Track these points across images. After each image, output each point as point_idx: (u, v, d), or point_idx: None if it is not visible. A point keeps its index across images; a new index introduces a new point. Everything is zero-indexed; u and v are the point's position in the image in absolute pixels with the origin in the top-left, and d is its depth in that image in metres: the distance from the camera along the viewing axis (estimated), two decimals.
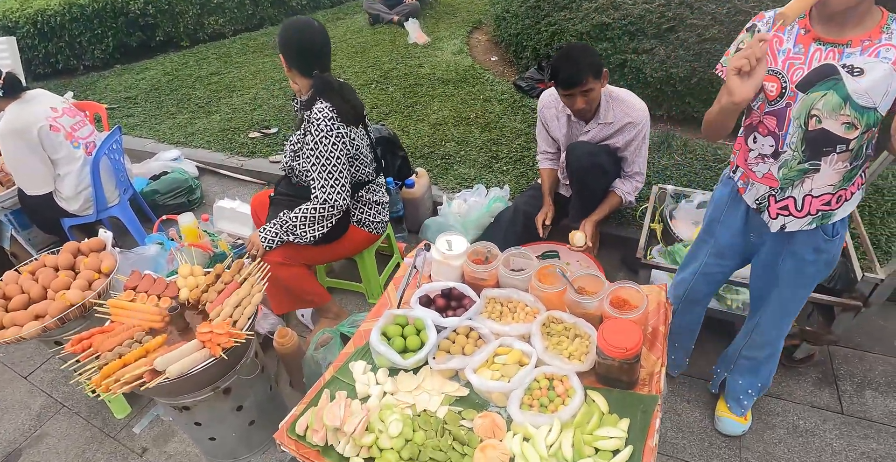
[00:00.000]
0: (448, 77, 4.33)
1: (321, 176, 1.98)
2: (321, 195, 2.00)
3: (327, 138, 1.95)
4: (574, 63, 2.12)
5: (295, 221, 2.04)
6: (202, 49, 5.85)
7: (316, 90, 2.01)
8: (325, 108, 1.95)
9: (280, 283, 2.14)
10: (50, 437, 2.19)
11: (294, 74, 2.00)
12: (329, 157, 1.97)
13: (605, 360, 1.40)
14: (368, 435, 1.32)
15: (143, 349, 1.58)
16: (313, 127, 1.94)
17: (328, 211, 2.02)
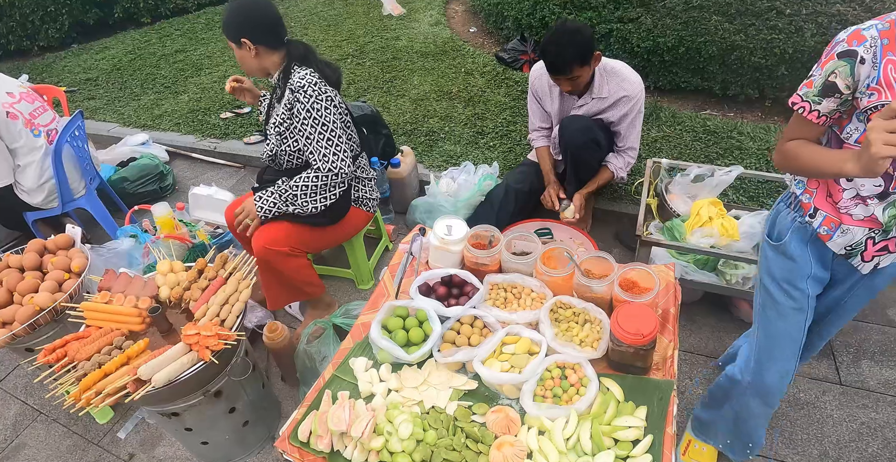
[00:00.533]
0: (427, 50, 4.13)
1: (320, 144, 1.82)
2: (324, 165, 1.84)
3: (319, 103, 1.80)
4: (561, 51, 2.03)
5: (296, 191, 1.86)
6: (165, 25, 5.47)
7: (292, 57, 1.87)
8: (307, 74, 1.81)
9: (281, 276, 1.98)
10: (28, 447, 2.04)
11: (262, 53, 1.83)
12: (325, 123, 1.81)
13: (619, 347, 1.33)
14: (377, 438, 1.23)
15: (124, 356, 1.44)
16: (301, 95, 1.79)
17: (332, 180, 1.86)
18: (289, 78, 1.84)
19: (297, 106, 1.80)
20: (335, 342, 1.88)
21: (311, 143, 1.82)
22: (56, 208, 2.67)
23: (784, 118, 3.09)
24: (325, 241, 2.09)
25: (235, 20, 1.79)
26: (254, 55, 1.82)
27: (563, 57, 2.03)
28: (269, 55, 1.84)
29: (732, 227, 2.05)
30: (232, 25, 1.80)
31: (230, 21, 1.81)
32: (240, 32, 1.78)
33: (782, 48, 2.82)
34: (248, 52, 1.81)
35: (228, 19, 1.82)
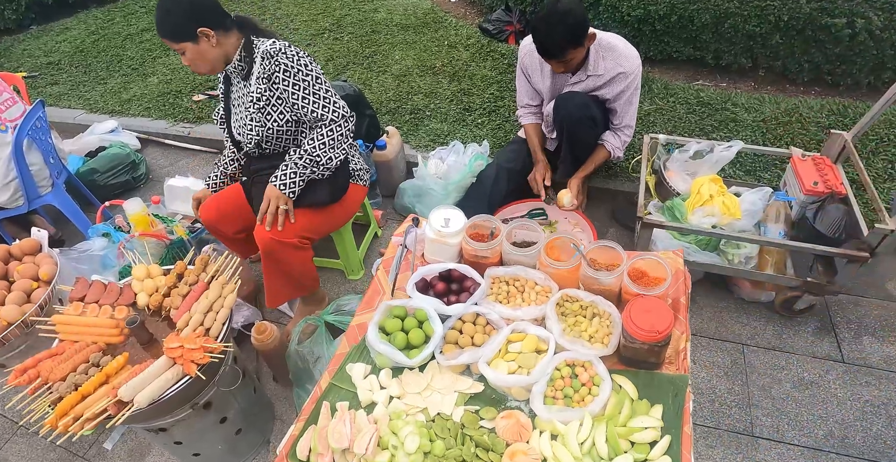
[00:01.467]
0: (407, 22, 3.90)
1: (317, 96, 1.69)
2: (329, 113, 1.70)
3: (301, 58, 1.67)
4: (553, 34, 1.89)
5: (314, 152, 1.70)
6: (129, 2, 5.09)
7: (250, 31, 1.72)
8: (274, 41, 1.67)
9: (285, 271, 1.85)
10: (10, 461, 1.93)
11: (221, 39, 1.66)
12: (317, 76, 1.70)
13: (632, 344, 1.25)
14: (382, 453, 1.14)
15: (102, 375, 1.32)
16: (281, 57, 1.64)
17: (345, 125, 1.74)
18: (252, 52, 1.69)
19: (278, 69, 1.64)
20: (328, 341, 1.77)
21: (308, 99, 1.68)
22: (22, 207, 2.47)
23: (776, 88, 2.98)
24: (330, 223, 1.96)
25: (184, 13, 1.59)
26: (215, 44, 1.63)
27: (554, 40, 1.90)
28: (227, 38, 1.67)
29: (734, 206, 1.96)
30: (182, 21, 1.59)
31: (176, 20, 1.59)
32: (196, 24, 1.59)
33: (777, 15, 2.69)
34: (209, 42, 1.62)
35: (172, 19, 1.59)
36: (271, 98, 1.70)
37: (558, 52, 1.94)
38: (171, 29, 1.61)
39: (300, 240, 1.82)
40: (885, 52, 2.70)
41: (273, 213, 1.74)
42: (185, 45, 1.62)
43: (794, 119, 2.66)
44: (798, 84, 2.96)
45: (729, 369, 1.87)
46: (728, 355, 1.91)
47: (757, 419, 1.73)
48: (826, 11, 2.66)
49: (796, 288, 1.90)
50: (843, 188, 1.92)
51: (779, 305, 2.00)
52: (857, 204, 1.88)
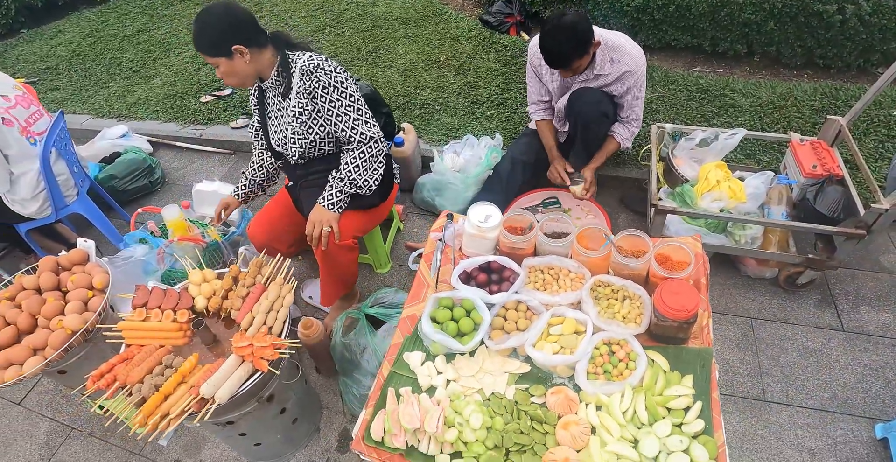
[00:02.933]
0: (407, 16, 3.96)
1: (350, 116, 1.77)
2: (362, 136, 1.79)
3: (339, 75, 1.74)
4: (560, 48, 2.01)
5: (351, 175, 1.81)
6: (120, 3, 5.07)
7: (287, 46, 1.79)
8: (311, 56, 1.74)
9: (339, 271, 1.96)
10: None
11: (255, 56, 1.71)
12: (352, 94, 1.77)
13: (663, 322, 1.39)
14: (449, 430, 1.28)
15: (178, 375, 1.43)
16: (320, 73, 1.70)
17: (375, 147, 1.83)
18: (289, 68, 1.76)
19: (318, 85, 1.72)
20: (371, 332, 1.90)
21: (342, 117, 1.76)
22: (50, 217, 2.54)
23: (771, 72, 3.12)
24: (376, 220, 2.09)
25: (220, 31, 1.64)
26: (248, 61, 1.70)
27: (561, 53, 2.02)
28: (261, 55, 1.72)
29: (740, 190, 2.11)
30: (217, 38, 1.64)
31: (212, 37, 1.64)
32: (231, 42, 1.64)
33: (771, 3, 2.81)
34: (242, 59, 1.68)
35: (209, 35, 1.65)
36: (313, 112, 1.77)
37: (565, 62, 2.06)
38: (206, 43, 1.67)
39: (353, 240, 1.94)
40: (874, 36, 2.84)
41: (318, 237, 1.83)
42: (220, 60, 1.68)
43: (789, 103, 2.80)
44: (791, 68, 3.11)
45: (740, 342, 2.03)
46: (738, 329, 2.07)
47: (768, 386, 1.90)
48: None
49: (799, 264, 2.07)
50: (840, 170, 2.07)
51: (783, 281, 2.16)
52: (853, 185, 2.03)
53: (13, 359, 1.62)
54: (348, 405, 1.94)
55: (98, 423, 2.11)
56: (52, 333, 1.65)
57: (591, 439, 1.26)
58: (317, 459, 1.87)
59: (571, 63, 2.07)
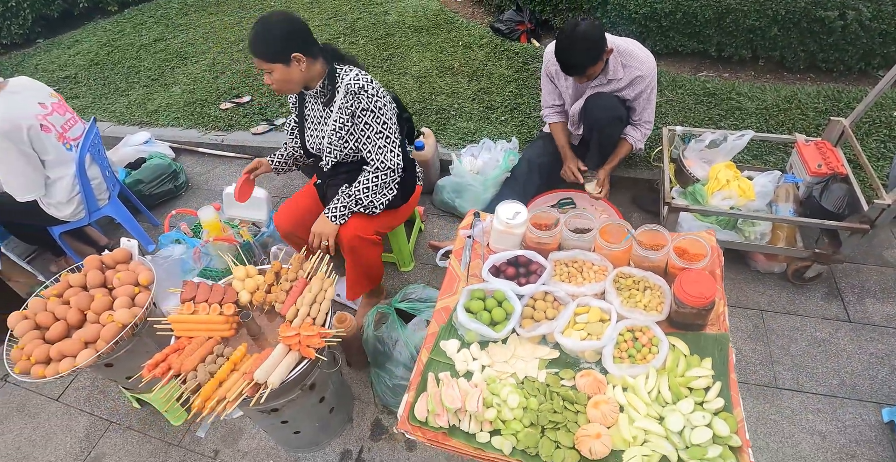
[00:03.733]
0: (419, 24, 4.11)
1: (379, 142, 1.89)
2: (382, 164, 1.92)
3: (379, 101, 1.86)
4: (574, 57, 2.15)
5: (360, 195, 1.95)
6: (135, 13, 5.23)
7: (335, 59, 1.90)
8: (358, 74, 1.84)
9: (364, 266, 2.08)
10: (108, 456, 2.12)
11: (309, 65, 1.80)
12: (385, 121, 1.88)
13: (683, 309, 1.51)
14: (488, 410, 1.40)
15: (230, 363, 1.55)
16: (363, 96, 1.82)
17: (390, 176, 1.96)
18: (335, 81, 1.87)
19: (359, 107, 1.83)
20: (402, 326, 2.02)
21: (371, 141, 1.88)
22: (83, 219, 2.67)
23: (775, 76, 3.25)
24: (399, 219, 2.21)
25: (282, 39, 1.73)
26: (303, 69, 1.78)
27: (575, 61, 2.16)
28: (313, 64, 1.82)
29: (748, 188, 2.24)
30: (279, 45, 1.72)
31: (273, 43, 1.72)
32: (291, 49, 1.73)
33: (775, 10, 2.95)
34: (298, 67, 1.77)
35: (269, 41, 1.72)
36: (351, 127, 1.89)
37: (579, 72, 2.20)
38: (266, 50, 1.73)
39: (377, 233, 2.07)
40: (874, 40, 2.98)
41: (316, 247, 1.96)
42: (277, 66, 1.75)
43: (793, 105, 2.94)
44: (795, 72, 3.24)
45: (751, 333, 2.15)
46: (749, 320, 2.19)
47: (779, 373, 2.02)
48: (819, 5, 2.93)
49: (806, 259, 2.19)
50: (844, 169, 2.20)
51: (791, 275, 2.29)
52: (856, 183, 2.16)
53: (66, 352, 1.74)
54: (380, 396, 2.05)
55: (136, 416, 2.22)
56: (103, 327, 1.77)
57: (619, 417, 1.38)
58: (351, 448, 1.98)
59: (586, 70, 2.20)
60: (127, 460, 2.09)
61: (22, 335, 1.79)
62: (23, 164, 2.32)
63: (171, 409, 2.12)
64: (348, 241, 1.96)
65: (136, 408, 2.22)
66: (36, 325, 1.83)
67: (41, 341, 1.78)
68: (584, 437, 1.33)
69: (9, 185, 2.40)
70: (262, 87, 3.84)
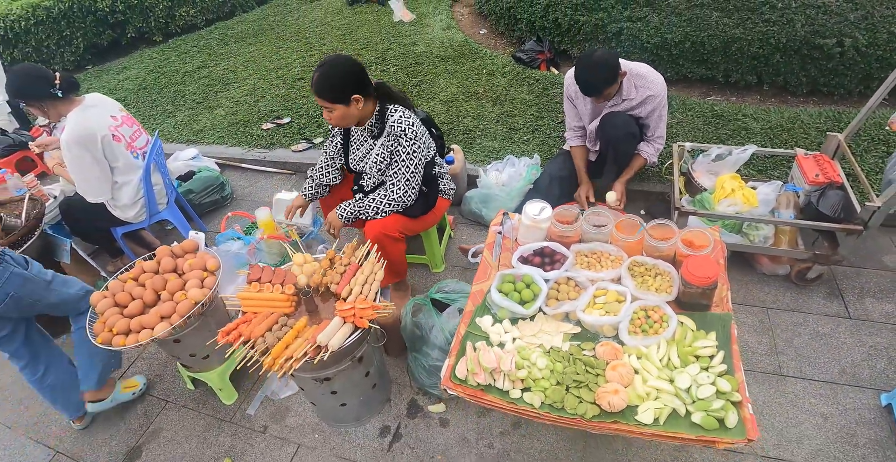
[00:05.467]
0: (445, 54, 4.54)
1: (404, 178, 2.22)
2: (400, 196, 2.25)
3: (415, 144, 2.17)
4: (592, 80, 2.49)
5: (367, 210, 2.29)
6: (179, 43, 5.78)
7: (385, 99, 2.20)
8: (403, 115, 2.15)
9: (387, 259, 2.37)
10: (165, 430, 2.37)
11: (364, 103, 2.10)
12: (417, 163, 2.21)
13: (690, 289, 1.78)
14: (519, 370, 1.66)
15: (294, 331, 1.84)
16: (404, 139, 2.14)
17: (396, 204, 2.28)
18: (384, 119, 2.19)
19: (399, 149, 2.16)
20: (436, 314, 2.29)
21: (397, 176, 2.22)
22: (144, 221, 3.02)
23: (780, 100, 3.58)
24: (421, 226, 2.50)
25: (344, 83, 2.01)
26: (360, 108, 2.08)
27: (593, 84, 2.49)
28: (368, 103, 2.13)
29: (752, 196, 2.52)
30: (341, 88, 2.01)
31: (337, 85, 2.00)
32: (351, 92, 2.02)
33: (776, 38, 3.30)
34: (356, 106, 2.06)
35: (334, 84, 2.00)
36: (390, 162, 2.24)
37: (597, 92, 2.53)
38: (329, 91, 2.01)
39: (399, 234, 2.37)
40: (872, 65, 3.29)
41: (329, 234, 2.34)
42: (338, 106, 2.04)
43: (796, 125, 3.24)
44: (798, 96, 3.56)
45: (757, 327, 2.39)
46: (755, 317, 2.43)
47: (783, 363, 2.24)
48: (818, 33, 3.27)
49: (806, 260, 2.44)
50: (840, 178, 2.48)
51: (794, 276, 2.53)
52: (851, 190, 2.43)
53: (145, 324, 2.03)
54: (416, 378, 2.31)
55: (191, 396, 2.49)
56: (177, 304, 2.08)
57: (634, 378, 1.63)
58: (390, 424, 2.22)
59: (602, 91, 2.53)
60: (182, 434, 2.34)
61: (103, 311, 2.10)
62: (96, 170, 2.69)
63: (225, 388, 2.39)
64: (374, 237, 2.26)
65: (191, 389, 2.50)
66: (115, 303, 2.14)
67: (121, 316, 2.08)
68: (604, 394, 1.58)
69: (82, 188, 2.76)
70: (301, 109, 4.25)
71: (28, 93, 2.56)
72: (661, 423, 1.54)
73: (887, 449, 1.94)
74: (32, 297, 2.10)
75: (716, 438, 1.47)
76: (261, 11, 6.33)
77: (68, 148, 2.57)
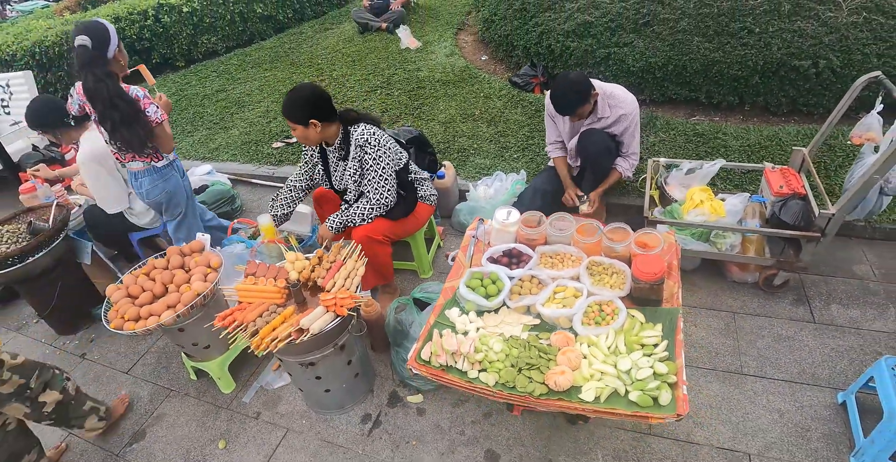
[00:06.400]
0: (447, 78, 4.87)
1: (378, 183, 2.51)
2: (378, 198, 2.53)
3: (379, 151, 2.47)
4: (565, 100, 2.74)
5: (354, 217, 2.57)
6: (200, 68, 6.26)
7: (346, 122, 2.52)
8: (365, 129, 2.46)
9: (373, 262, 2.62)
10: (168, 415, 2.62)
11: (325, 127, 2.43)
12: (385, 167, 2.50)
13: (639, 284, 1.98)
14: (477, 353, 1.87)
15: (282, 317, 2.08)
16: (368, 148, 2.45)
17: (382, 209, 2.57)
18: (349, 139, 2.50)
19: (366, 157, 2.46)
20: (417, 312, 2.51)
21: (373, 181, 2.51)
22: (158, 228, 3.33)
23: (762, 119, 3.78)
24: (404, 229, 2.75)
25: (302, 108, 2.35)
26: (318, 131, 2.41)
27: (566, 104, 2.75)
28: (329, 127, 2.46)
29: (719, 207, 2.71)
30: (298, 112, 2.35)
31: (297, 109, 2.35)
32: (308, 117, 2.36)
33: (754, 61, 3.53)
34: (315, 129, 2.39)
35: (294, 108, 2.35)
36: (361, 170, 2.53)
37: (570, 111, 2.78)
38: (289, 113, 2.38)
39: (384, 237, 2.63)
40: (847, 85, 3.47)
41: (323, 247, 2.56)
42: (298, 126, 2.39)
43: (774, 143, 3.44)
44: (779, 115, 3.76)
45: (723, 330, 2.54)
46: (722, 320, 2.59)
47: (745, 363, 2.38)
48: (794, 55, 3.49)
49: (771, 266, 2.61)
50: (804, 189, 2.66)
51: (762, 282, 2.69)
52: (814, 201, 2.60)
53: (154, 311, 2.30)
54: (397, 370, 2.51)
55: (193, 386, 2.73)
56: (182, 295, 2.35)
57: (582, 362, 1.83)
58: (371, 412, 2.42)
59: (575, 110, 2.78)
60: (184, 419, 2.57)
61: (117, 301, 2.38)
62: (111, 183, 3.01)
63: (223, 378, 2.63)
64: (360, 239, 2.51)
65: (193, 379, 2.75)
66: (128, 294, 2.42)
67: (132, 305, 2.36)
68: (552, 375, 1.77)
69: (101, 201, 3.09)
70: None
71: (44, 123, 2.97)
72: (602, 400, 1.72)
73: (840, 443, 2.07)
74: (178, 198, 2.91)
75: (649, 414, 1.65)
76: (277, 39, 6.82)
77: (85, 165, 2.89)
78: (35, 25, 6.41)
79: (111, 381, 2.85)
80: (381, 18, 6.18)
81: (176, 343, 2.54)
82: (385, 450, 2.26)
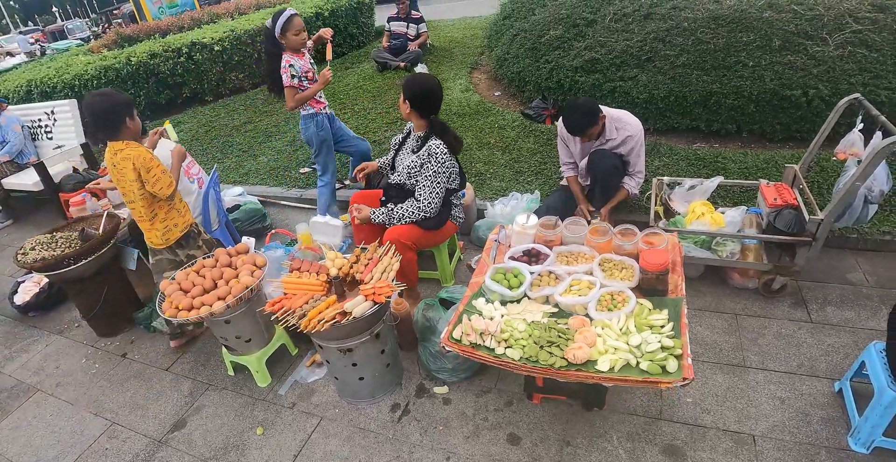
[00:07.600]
0: (463, 111, 5.32)
1: (429, 190, 2.85)
2: (425, 205, 2.87)
3: (441, 166, 2.83)
4: (576, 122, 3.13)
5: (399, 217, 2.90)
6: (228, 102, 6.78)
7: (431, 129, 2.92)
8: (440, 145, 2.84)
9: (401, 264, 2.93)
10: (207, 406, 2.84)
11: (413, 115, 2.90)
12: (439, 181, 2.86)
13: (645, 275, 2.28)
14: (503, 333, 2.15)
15: (325, 303, 2.38)
16: (434, 159, 2.82)
17: (420, 212, 2.89)
18: (427, 141, 2.89)
19: (428, 164, 2.83)
20: (443, 310, 2.79)
21: (426, 188, 2.86)
22: None
23: (759, 145, 4.15)
24: (430, 240, 3.06)
25: (412, 89, 2.83)
26: (407, 111, 2.89)
27: (577, 125, 3.13)
28: (417, 118, 2.91)
29: (719, 218, 3.03)
30: (409, 90, 2.84)
31: (408, 85, 2.84)
32: (406, 95, 2.84)
33: (749, 91, 3.93)
34: (406, 106, 2.87)
35: (408, 83, 2.85)
36: (418, 172, 2.89)
37: (581, 132, 3.15)
38: (406, 85, 2.84)
39: (412, 243, 2.94)
40: None
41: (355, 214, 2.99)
42: (403, 96, 2.87)
43: (770, 165, 3.78)
44: (775, 141, 4.13)
45: (726, 329, 2.80)
46: (725, 321, 2.85)
47: (747, 357, 2.63)
48: (785, 86, 3.88)
49: (769, 271, 2.89)
50: (796, 201, 2.98)
51: (761, 287, 2.96)
52: (805, 211, 2.92)
53: (207, 303, 2.60)
54: (424, 364, 2.77)
55: (231, 381, 2.98)
56: (231, 288, 2.64)
57: (597, 340, 2.10)
58: (400, 402, 2.66)
59: (585, 131, 3.16)
60: (222, 409, 2.81)
61: (170, 294, 2.68)
62: None
63: (260, 372, 2.89)
64: (391, 239, 2.82)
65: (231, 375, 3.00)
66: (180, 288, 2.72)
67: (184, 296, 2.66)
68: (570, 350, 2.05)
69: None
70: None
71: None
72: (616, 370, 1.99)
73: (838, 426, 2.29)
74: None
75: (658, 379, 1.91)
76: None
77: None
78: (74, 61, 7.02)
79: (153, 377, 3.10)
80: (400, 58, 6.73)
81: (220, 336, 2.81)
82: (414, 434, 2.49)
